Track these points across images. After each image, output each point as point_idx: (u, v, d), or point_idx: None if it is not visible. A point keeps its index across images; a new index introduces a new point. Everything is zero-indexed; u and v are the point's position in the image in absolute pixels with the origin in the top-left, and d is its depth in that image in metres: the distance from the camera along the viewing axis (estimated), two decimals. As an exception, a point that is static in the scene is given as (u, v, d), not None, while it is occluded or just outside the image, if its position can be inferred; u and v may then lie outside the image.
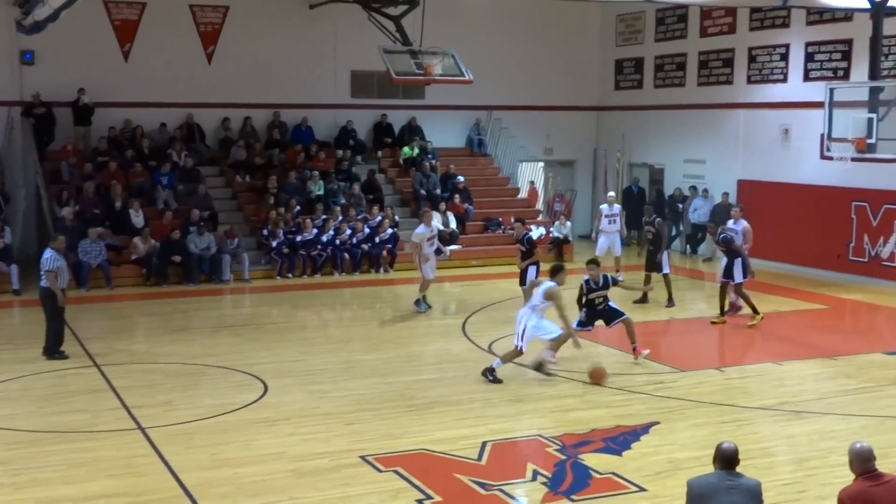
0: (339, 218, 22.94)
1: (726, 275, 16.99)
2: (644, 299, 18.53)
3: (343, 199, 23.99)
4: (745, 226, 17.83)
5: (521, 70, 28.03)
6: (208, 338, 16.10)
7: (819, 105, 20.46)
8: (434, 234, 18.25)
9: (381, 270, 22.73)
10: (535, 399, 12.50)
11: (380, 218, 23.24)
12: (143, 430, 11.10)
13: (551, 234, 25.00)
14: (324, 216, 22.78)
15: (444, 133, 27.61)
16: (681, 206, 25.75)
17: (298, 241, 22.09)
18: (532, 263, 16.95)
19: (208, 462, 10.09)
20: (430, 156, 26.21)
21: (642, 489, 9.38)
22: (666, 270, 18.63)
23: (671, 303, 18.52)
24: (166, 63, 24.47)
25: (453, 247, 23.43)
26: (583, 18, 28.54)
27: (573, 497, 9.21)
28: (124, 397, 12.42)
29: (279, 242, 21.97)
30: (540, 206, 28.04)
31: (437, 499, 9.14)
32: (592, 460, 10.11)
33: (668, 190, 26.79)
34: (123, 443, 10.68)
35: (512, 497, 9.26)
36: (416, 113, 27.05)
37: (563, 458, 10.22)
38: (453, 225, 24.30)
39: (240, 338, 16.02)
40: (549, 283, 13.11)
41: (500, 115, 28.07)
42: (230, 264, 21.43)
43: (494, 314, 18.04)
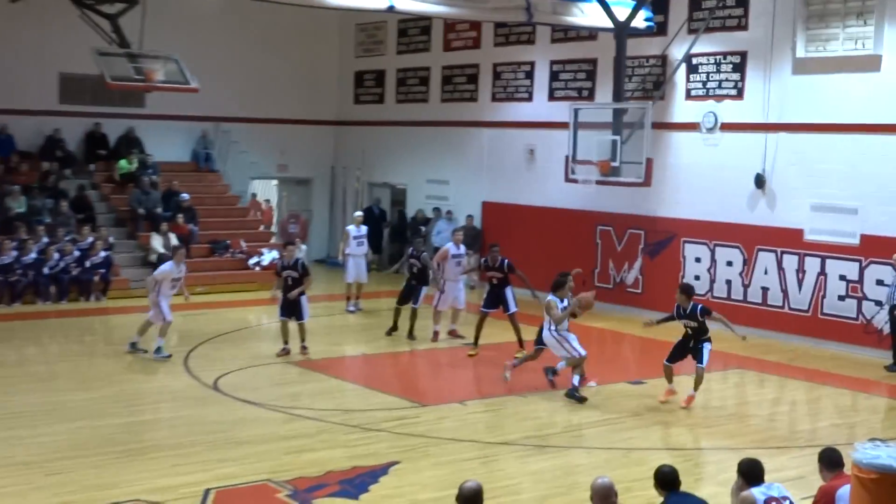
0: (44, 239, 22.02)
1: (487, 305, 17.66)
2: (393, 331, 18.95)
3: (49, 217, 23.05)
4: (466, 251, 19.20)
5: (255, 79, 27.75)
6: None
7: (564, 126, 21.38)
8: (182, 275, 17.25)
9: (91, 298, 21.96)
10: (265, 440, 12.32)
11: (91, 239, 22.48)
12: None
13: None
14: (25, 237, 21.78)
15: (167, 146, 26.94)
16: (423, 228, 26.13)
17: (-6, 266, 21.03)
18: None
19: None
20: (150, 170, 25.53)
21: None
22: (416, 305, 18.94)
23: (412, 336, 18.80)
24: None
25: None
26: (321, 26, 28.52)
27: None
28: None
29: (-30, 267, 20.81)
30: (273, 228, 27.80)
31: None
32: (326, 505, 10.02)
33: (411, 211, 27.22)
34: None
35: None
36: (136, 123, 26.25)
37: (294, 504, 10.10)
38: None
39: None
40: (549, 297, 14.63)
41: (230, 127, 27.69)
42: None
43: (221, 346, 17.74)
